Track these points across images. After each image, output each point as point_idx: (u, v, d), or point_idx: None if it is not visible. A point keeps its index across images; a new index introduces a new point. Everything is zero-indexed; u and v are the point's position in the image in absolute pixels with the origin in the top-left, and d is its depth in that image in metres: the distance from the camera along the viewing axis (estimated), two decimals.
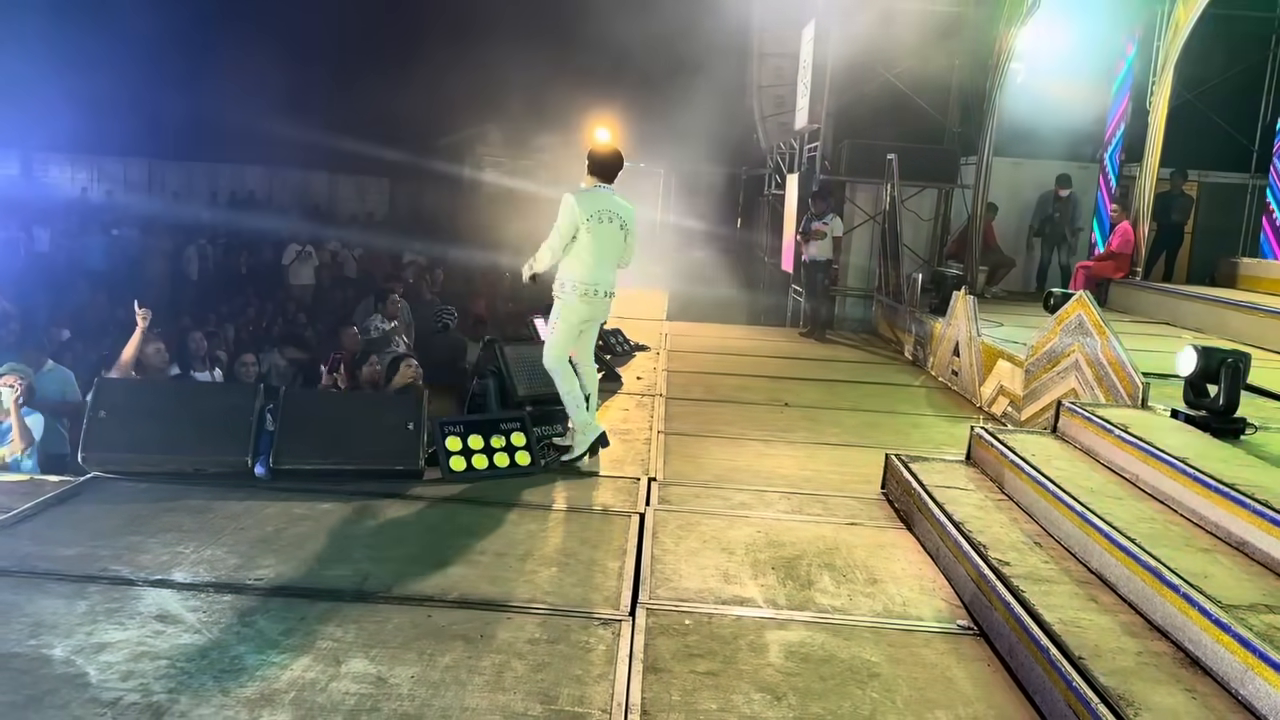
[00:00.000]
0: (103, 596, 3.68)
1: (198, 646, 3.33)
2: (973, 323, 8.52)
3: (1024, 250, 13.40)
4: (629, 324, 11.00)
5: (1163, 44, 11.15)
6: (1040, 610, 3.46)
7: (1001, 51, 11.24)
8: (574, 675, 3.27)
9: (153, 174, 28.39)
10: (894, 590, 4.15)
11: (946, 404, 8.40)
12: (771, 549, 4.54)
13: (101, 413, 5.08)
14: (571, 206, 5.64)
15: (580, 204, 5.68)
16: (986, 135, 11.45)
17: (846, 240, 12.93)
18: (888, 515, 5.20)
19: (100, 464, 5.08)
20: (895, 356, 10.93)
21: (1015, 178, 13.19)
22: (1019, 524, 4.50)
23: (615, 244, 5.80)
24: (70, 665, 3.16)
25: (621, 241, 5.84)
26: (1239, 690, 2.92)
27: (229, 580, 3.89)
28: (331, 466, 5.18)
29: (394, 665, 3.26)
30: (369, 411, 5.59)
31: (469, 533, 4.56)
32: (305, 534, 4.43)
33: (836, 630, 3.72)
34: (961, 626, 3.83)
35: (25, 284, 12.59)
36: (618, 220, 5.80)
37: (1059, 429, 5.50)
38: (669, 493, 5.38)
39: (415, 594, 3.85)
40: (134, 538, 4.27)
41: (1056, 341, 6.74)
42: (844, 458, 6.40)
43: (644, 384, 8.49)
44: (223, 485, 4.99)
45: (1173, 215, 12.31)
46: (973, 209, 11.86)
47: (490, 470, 5.45)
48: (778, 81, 16.19)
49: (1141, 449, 4.55)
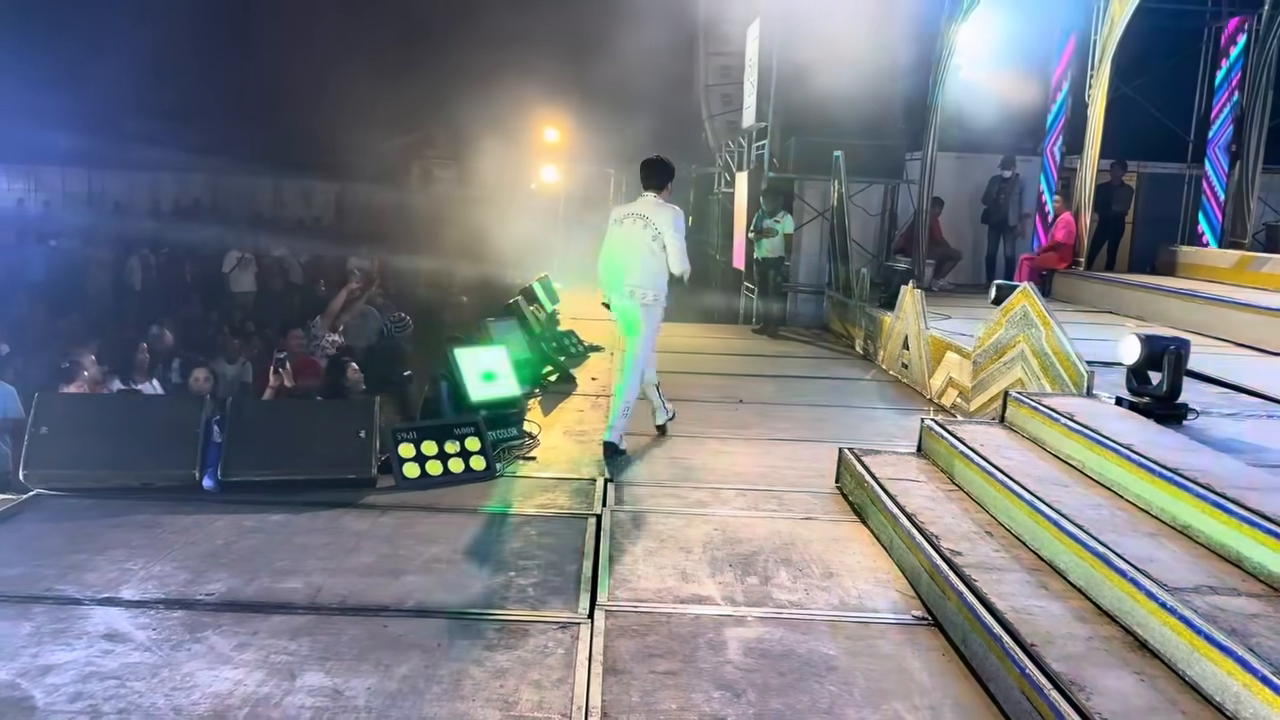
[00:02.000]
0: (48, 617, 3.59)
1: (148, 665, 3.27)
2: (921, 316, 8.62)
3: (971, 242, 13.59)
4: (582, 324, 10.99)
5: (1099, 37, 11.36)
6: (992, 599, 3.51)
7: (943, 48, 11.40)
8: (533, 680, 3.26)
9: (93, 183, 27.79)
10: (850, 583, 4.19)
11: (898, 397, 8.49)
12: (729, 546, 4.56)
13: (43, 429, 4.96)
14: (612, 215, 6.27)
15: (613, 212, 6.31)
16: (930, 131, 11.60)
17: (797, 237, 13.03)
18: (842, 509, 5.25)
19: (43, 481, 4.96)
20: (847, 351, 11.03)
21: (959, 172, 13.37)
22: (970, 514, 4.56)
23: (633, 246, 6.09)
24: (15, 689, 3.08)
25: (648, 240, 6.06)
26: (1186, 671, 2.98)
27: (179, 596, 3.82)
28: (282, 477, 5.10)
29: (350, 677, 3.22)
30: (319, 420, 5.51)
31: (425, 540, 4.53)
32: (256, 547, 4.37)
33: (794, 625, 3.74)
34: (916, 617, 3.88)
35: None
36: (643, 220, 6.07)
37: (1007, 419, 5.58)
38: (626, 493, 5.39)
39: (371, 604, 3.81)
40: (80, 555, 4.18)
41: (1002, 333, 6.84)
42: (799, 453, 6.45)
43: (599, 385, 8.48)
44: (171, 499, 4.90)
45: (1113, 206, 12.57)
46: (919, 204, 12.01)
47: (445, 476, 5.41)
48: (724, 80, 16.27)
49: (1087, 437, 4.63)
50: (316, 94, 23.22)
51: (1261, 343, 7.83)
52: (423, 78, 20.53)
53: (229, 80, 22.64)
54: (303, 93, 23.31)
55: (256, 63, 23.01)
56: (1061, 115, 12.80)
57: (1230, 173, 12.28)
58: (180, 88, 21.69)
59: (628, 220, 6.12)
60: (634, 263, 6.10)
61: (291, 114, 23.13)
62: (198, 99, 21.71)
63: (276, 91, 23.11)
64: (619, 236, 6.13)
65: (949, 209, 13.06)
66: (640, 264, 6.09)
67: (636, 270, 6.09)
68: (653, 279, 6.14)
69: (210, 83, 22.08)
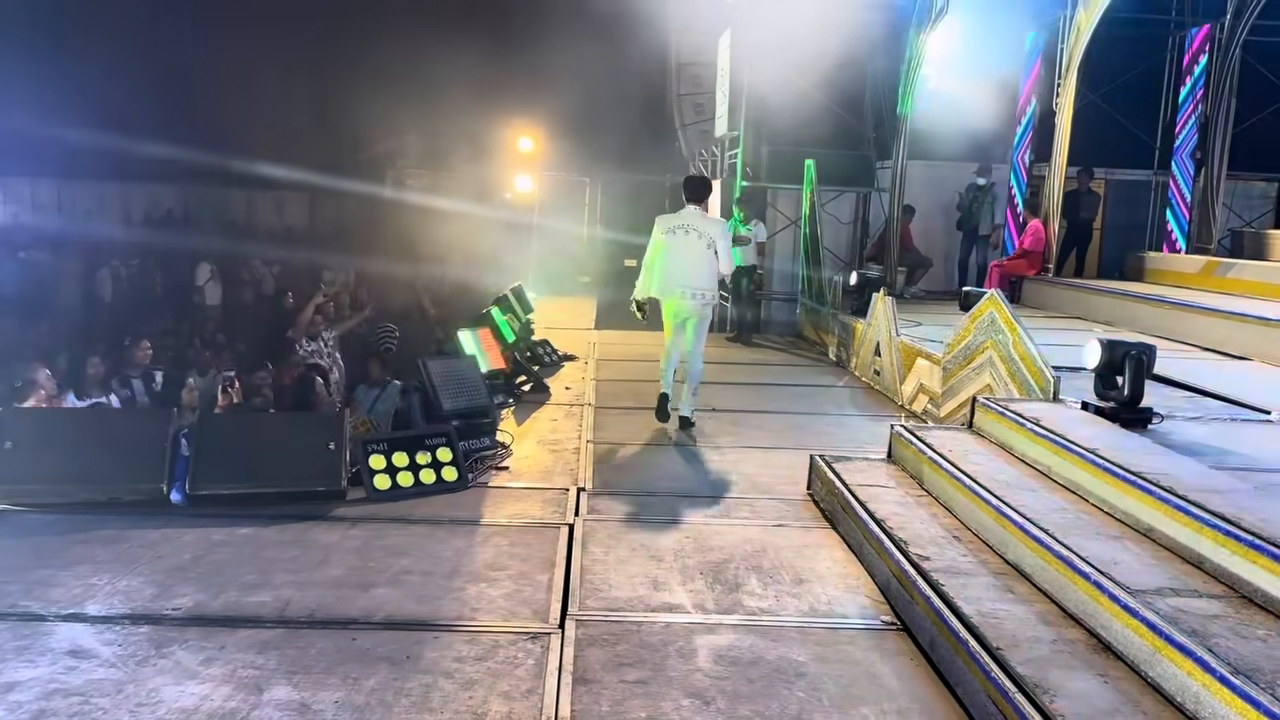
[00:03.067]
0: (11, 634, 3.56)
1: (113, 681, 3.24)
2: (892, 323, 8.68)
3: (942, 249, 13.70)
4: (556, 334, 11.00)
5: (1066, 46, 11.52)
6: (959, 603, 3.54)
7: (912, 57, 11.50)
8: (502, 691, 3.25)
9: (62, 195, 27.49)
10: (820, 589, 4.21)
11: (870, 403, 8.54)
12: (700, 554, 4.57)
13: (8, 444, 4.91)
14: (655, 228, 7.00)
15: (658, 223, 7.03)
16: (900, 139, 11.70)
17: (770, 245, 13.10)
18: (813, 515, 5.27)
19: (7, 497, 4.91)
20: (820, 358, 11.08)
21: (930, 180, 13.48)
22: (938, 519, 4.60)
23: (689, 253, 6.85)
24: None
25: (703, 249, 6.85)
26: (1148, 672, 3.02)
27: (145, 611, 3.79)
28: (251, 490, 5.07)
29: (317, 691, 3.21)
30: (288, 433, 5.48)
31: (395, 552, 4.51)
32: (224, 560, 4.34)
33: (764, 632, 3.76)
34: (885, 622, 3.90)
35: None
36: (694, 232, 6.87)
37: (975, 424, 5.63)
38: (598, 502, 5.39)
39: (339, 617, 3.79)
40: (44, 571, 4.13)
41: (971, 339, 6.90)
42: (771, 460, 6.47)
43: (572, 394, 8.49)
44: (138, 514, 4.86)
45: (1081, 213, 12.70)
46: (890, 211, 12.10)
47: (416, 487, 5.40)
48: (696, 89, 16.34)
49: (1053, 441, 4.68)
50: (289, 103, 23.10)
51: (1226, 347, 7.94)
52: (396, 87, 20.44)
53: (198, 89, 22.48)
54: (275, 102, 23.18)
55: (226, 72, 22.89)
56: (1030, 123, 12.94)
57: (1195, 179, 12.45)
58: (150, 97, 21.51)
59: (679, 231, 6.91)
60: (692, 268, 6.89)
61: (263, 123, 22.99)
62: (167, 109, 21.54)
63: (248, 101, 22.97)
64: (672, 246, 6.90)
65: (920, 217, 13.16)
66: (698, 269, 6.89)
67: (695, 274, 6.89)
68: (710, 281, 6.98)
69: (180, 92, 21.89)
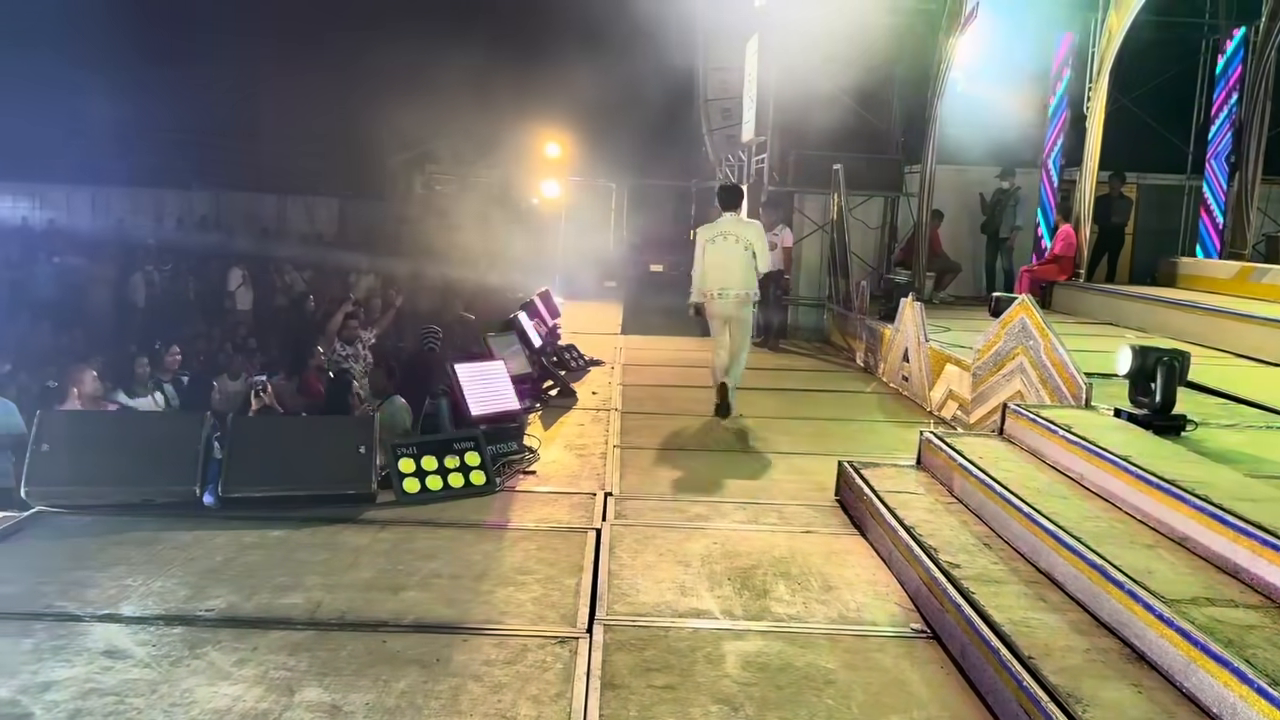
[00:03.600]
0: (48, 634, 3.60)
1: (147, 681, 3.27)
2: (921, 328, 8.63)
3: (971, 254, 13.61)
4: (583, 339, 11.03)
5: (1097, 49, 11.42)
6: (990, 611, 3.52)
7: (941, 61, 11.44)
8: (531, 695, 3.26)
9: (97, 201, 27.89)
10: (848, 596, 4.19)
11: (898, 409, 8.50)
12: (727, 560, 4.56)
13: (44, 446, 4.97)
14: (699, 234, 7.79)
15: (700, 233, 7.80)
16: (929, 143, 11.64)
17: (797, 250, 13.06)
18: (841, 522, 5.25)
19: (44, 498, 4.97)
20: (847, 364, 11.04)
21: (959, 185, 13.40)
22: (969, 526, 4.56)
23: (732, 255, 7.52)
24: (15, 706, 3.09)
25: (741, 251, 7.51)
26: (1183, 683, 2.98)
27: (178, 612, 3.83)
28: (282, 493, 5.11)
29: (348, 693, 3.23)
30: (319, 436, 5.52)
31: (424, 555, 4.53)
32: (256, 562, 4.38)
33: (793, 638, 3.74)
34: (915, 630, 3.88)
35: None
36: (732, 237, 7.55)
37: (1006, 431, 5.59)
38: (625, 507, 5.39)
39: (369, 620, 3.82)
40: (80, 572, 4.19)
41: (1001, 345, 6.85)
42: (798, 466, 6.45)
43: (599, 399, 8.50)
44: (171, 516, 4.91)
45: (1113, 217, 12.59)
46: (919, 216, 12.04)
47: (445, 491, 5.42)
48: (724, 95, 16.32)
49: (1085, 448, 4.64)
50: (320, 109, 23.35)
51: (1261, 353, 7.84)
52: (425, 93, 20.58)
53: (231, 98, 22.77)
54: (307, 108, 23.44)
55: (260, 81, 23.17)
56: (1060, 127, 12.84)
57: (1229, 184, 12.30)
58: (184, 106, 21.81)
59: (719, 239, 7.60)
60: (734, 272, 7.55)
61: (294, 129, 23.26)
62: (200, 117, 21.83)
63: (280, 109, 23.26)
64: (716, 253, 7.58)
65: (949, 221, 13.08)
66: (740, 273, 7.56)
67: (738, 277, 7.57)
68: (751, 282, 7.68)
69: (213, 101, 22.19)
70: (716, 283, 7.62)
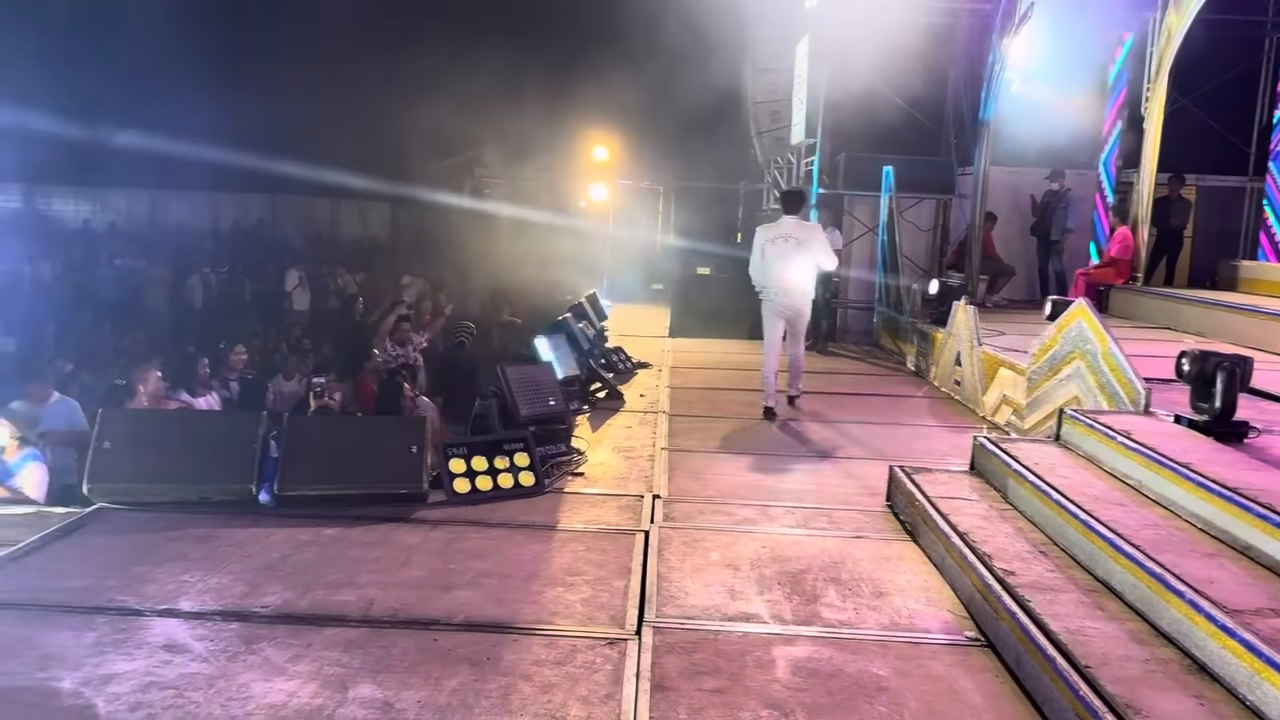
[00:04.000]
0: (110, 627, 3.69)
1: (205, 675, 3.33)
2: (974, 332, 8.52)
3: (1025, 257, 13.42)
4: (631, 341, 11.03)
5: (1155, 50, 11.19)
6: (1046, 619, 3.46)
7: (995, 61, 11.29)
8: (581, 696, 3.27)
9: (155, 204, 28.51)
10: (900, 602, 4.14)
11: (950, 414, 8.40)
12: (777, 564, 4.54)
13: (106, 443, 5.09)
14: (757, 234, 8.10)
15: (759, 232, 8.10)
16: (982, 145, 11.49)
17: (846, 252, 12.96)
18: (893, 527, 5.20)
19: (106, 494, 5.09)
20: (898, 368, 10.93)
21: (1013, 186, 13.22)
22: (1024, 533, 4.49)
23: (791, 256, 7.83)
24: (79, 697, 3.17)
25: (801, 254, 7.85)
26: (1247, 696, 2.91)
27: (235, 608, 3.90)
28: (336, 491, 5.18)
29: (400, 690, 3.26)
30: (372, 435, 5.59)
31: (474, 555, 4.57)
32: (310, 560, 4.44)
33: (843, 644, 3.72)
34: (969, 638, 3.83)
35: (30, 316, 12.64)
36: (793, 240, 7.85)
37: (1062, 437, 5.50)
38: (674, 509, 5.39)
39: (421, 618, 3.85)
40: (140, 568, 4.28)
41: (1057, 349, 6.74)
42: (848, 470, 6.41)
43: (646, 401, 8.50)
44: (228, 513, 5.00)
45: (1171, 220, 12.34)
46: (971, 218, 11.88)
47: (494, 491, 5.46)
48: (773, 96, 16.25)
49: (1145, 455, 4.55)
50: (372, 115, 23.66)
51: None
52: (474, 98, 20.77)
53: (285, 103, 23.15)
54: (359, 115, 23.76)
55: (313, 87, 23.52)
56: (1117, 128, 12.60)
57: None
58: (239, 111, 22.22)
59: (779, 241, 7.88)
60: (793, 273, 7.85)
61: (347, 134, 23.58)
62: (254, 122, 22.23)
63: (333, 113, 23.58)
64: (773, 253, 7.89)
65: (1002, 224, 12.91)
66: (799, 273, 7.88)
67: (797, 277, 7.88)
68: (811, 282, 8.06)
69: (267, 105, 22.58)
70: (775, 282, 7.90)
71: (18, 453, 5.83)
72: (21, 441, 5.87)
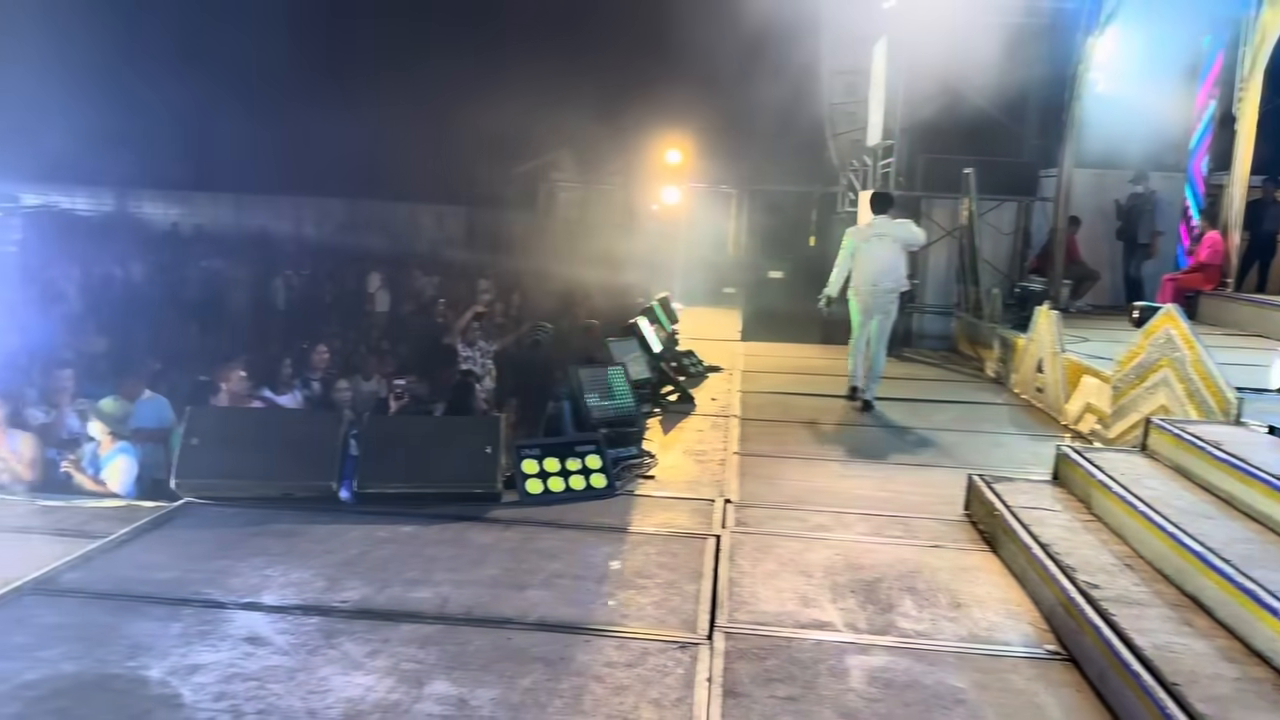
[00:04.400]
0: (196, 619, 3.80)
1: (286, 668, 3.41)
2: (1057, 338, 8.32)
3: (1110, 262, 13.05)
4: (702, 345, 11.01)
5: (1249, 48, 10.79)
6: (1132, 634, 3.36)
7: (1080, 60, 11.01)
8: (652, 699, 3.27)
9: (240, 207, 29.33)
10: (979, 614, 4.06)
11: (1030, 422, 8.20)
12: (851, 572, 4.48)
13: (194, 440, 5.25)
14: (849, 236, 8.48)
15: (853, 234, 8.51)
16: (1066, 146, 11.21)
17: (923, 256, 12.74)
18: (971, 537, 5.09)
19: (193, 489, 5.25)
20: (976, 374, 10.72)
21: (1097, 188, 12.87)
22: (1108, 545, 4.37)
23: (883, 254, 8.25)
24: (166, 686, 3.27)
25: (895, 247, 8.28)
26: None
27: (315, 603, 3.98)
28: (413, 490, 5.27)
29: (475, 687, 3.30)
30: (448, 436, 5.67)
31: (546, 555, 4.60)
32: (388, 557, 4.52)
33: (920, 655, 3.65)
34: (1050, 651, 3.73)
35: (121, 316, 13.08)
36: (886, 238, 8.28)
37: (1149, 447, 5.34)
38: (745, 515, 5.36)
39: (495, 616, 3.89)
40: (225, 561, 4.40)
41: (1145, 356, 6.54)
42: (925, 478, 6.30)
43: (718, 405, 8.47)
44: (309, 509, 5.12)
45: (1265, 224, 11.87)
46: (1054, 222, 11.61)
47: (567, 493, 5.49)
48: (849, 98, 16.06)
49: (1236, 466, 4.39)
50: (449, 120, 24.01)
51: None
52: (549, 102, 20.95)
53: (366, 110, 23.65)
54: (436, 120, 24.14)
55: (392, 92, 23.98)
56: (1208, 129, 12.18)
57: None
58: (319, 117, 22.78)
59: (874, 239, 8.29)
60: (884, 269, 8.25)
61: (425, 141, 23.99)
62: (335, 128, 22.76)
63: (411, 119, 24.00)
64: (865, 251, 8.28)
65: (1086, 227, 12.58)
66: (891, 269, 8.28)
67: (889, 274, 8.27)
68: (902, 276, 8.42)
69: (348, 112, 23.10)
70: (869, 278, 8.26)
71: (111, 447, 6.04)
72: (114, 436, 6.08)
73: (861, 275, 8.33)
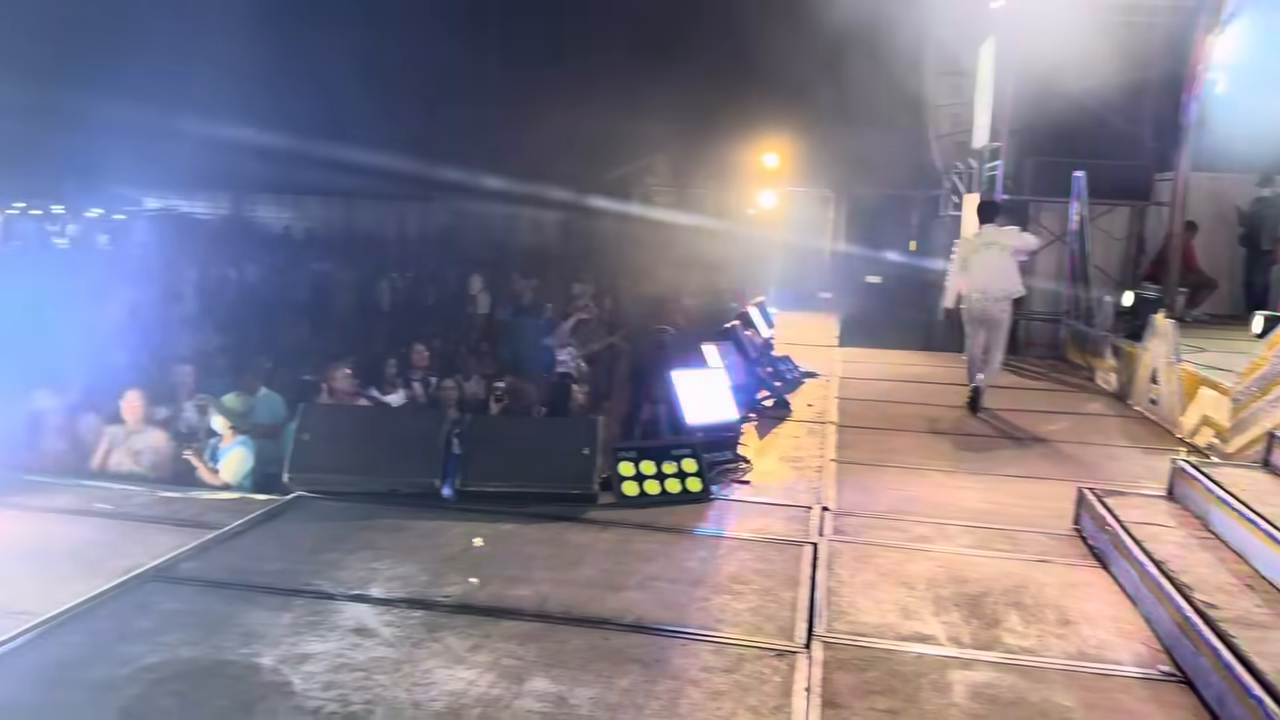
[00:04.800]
0: (306, 609, 3.92)
1: (391, 660, 3.50)
2: (1173, 348, 8.00)
3: (1229, 269, 12.48)
4: (798, 350, 10.91)
5: None
6: (1253, 658, 3.21)
7: (1198, 61, 10.57)
8: (750, 705, 3.25)
9: (349, 211, 30.25)
10: (1088, 632, 3.93)
11: (1143, 435, 7.90)
12: (954, 585, 4.39)
13: (305, 436, 5.44)
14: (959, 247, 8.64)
15: (963, 244, 8.65)
16: (1183, 149, 10.77)
17: (1031, 263, 12.37)
18: (1080, 553, 4.93)
19: (303, 484, 5.43)
20: (1086, 384, 10.38)
21: (1215, 193, 12.32)
22: (1227, 564, 4.18)
23: (993, 262, 8.30)
24: (277, 674, 3.38)
25: (1004, 256, 8.32)
26: None
27: (419, 597, 4.08)
28: (512, 489, 5.35)
29: (574, 686, 3.33)
30: (547, 436, 5.75)
31: (642, 557, 4.62)
32: (489, 554, 4.60)
33: (1026, 672, 3.56)
34: (1163, 672, 3.59)
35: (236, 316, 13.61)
36: (995, 246, 8.34)
37: (1271, 462, 5.09)
38: (843, 523, 5.29)
39: (592, 616, 3.93)
40: (333, 554, 4.54)
41: (1269, 368, 6.24)
42: (1031, 490, 6.13)
43: (814, 411, 8.39)
44: (413, 505, 5.24)
45: None
46: (1170, 227, 11.15)
47: (662, 496, 5.51)
48: (954, 99, 15.74)
49: None
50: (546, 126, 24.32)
51: None
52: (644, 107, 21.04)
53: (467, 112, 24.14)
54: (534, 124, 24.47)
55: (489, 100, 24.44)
56: None
57: None
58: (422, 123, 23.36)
59: (984, 248, 8.38)
60: (994, 278, 8.27)
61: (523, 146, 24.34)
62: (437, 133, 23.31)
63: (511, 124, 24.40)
64: (980, 260, 8.35)
65: (1204, 233, 12.04)
66: (1003, 277, 8.29)
67: (1000, 282, 8.29)
68: (1008, 288, 8.36)
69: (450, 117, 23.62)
70: (979, 286, 8.32)
71: (231, 440, 6.29)
72: (235, 430, 6.33)
73: (972, 284, 8.40)
